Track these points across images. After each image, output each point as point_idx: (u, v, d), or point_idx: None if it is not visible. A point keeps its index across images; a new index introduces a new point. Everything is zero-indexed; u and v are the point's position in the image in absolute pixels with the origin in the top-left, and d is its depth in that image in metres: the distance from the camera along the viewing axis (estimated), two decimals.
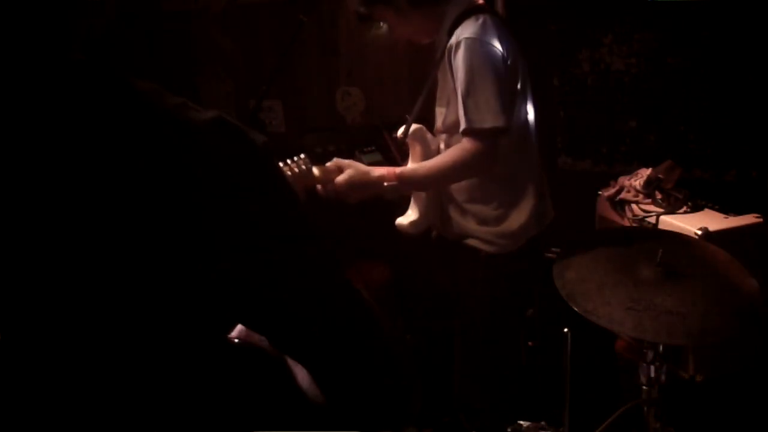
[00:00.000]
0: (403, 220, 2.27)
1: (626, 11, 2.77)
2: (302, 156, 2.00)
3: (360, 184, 2.02)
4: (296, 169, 1.98)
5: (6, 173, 0.70)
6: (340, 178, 2.02)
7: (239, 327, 0.90)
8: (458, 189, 2.22)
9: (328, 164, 2.05)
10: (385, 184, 2.04)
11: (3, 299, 0.73)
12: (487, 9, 2.08)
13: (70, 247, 0.70)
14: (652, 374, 1.78)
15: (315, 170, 2.00)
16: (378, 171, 2.06)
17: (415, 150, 2.24)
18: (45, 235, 0.70)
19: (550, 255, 2.25)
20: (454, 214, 2.25)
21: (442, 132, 2.22)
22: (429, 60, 2.30)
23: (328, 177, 2.02)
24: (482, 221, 2.21)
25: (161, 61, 3.16)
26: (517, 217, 2.19)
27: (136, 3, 3.03)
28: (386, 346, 0.83)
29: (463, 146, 2.02)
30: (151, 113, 0.73)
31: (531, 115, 2.21)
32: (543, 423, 2.15)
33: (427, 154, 2.21)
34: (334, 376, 0.80)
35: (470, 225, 2.23)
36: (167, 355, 0.76)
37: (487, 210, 2.19)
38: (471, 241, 2.24)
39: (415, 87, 2.26)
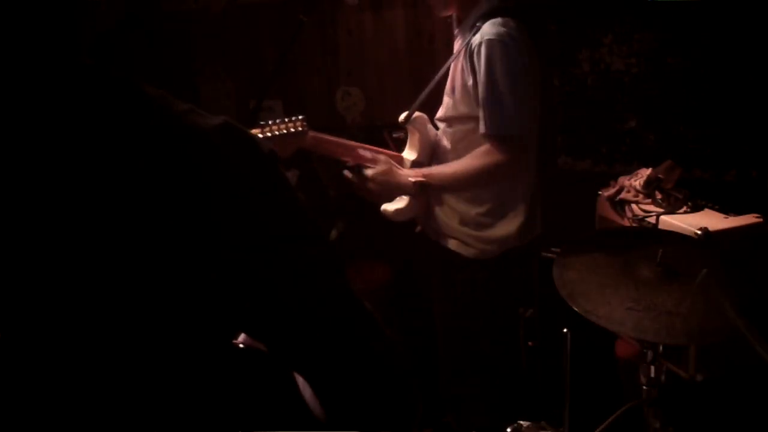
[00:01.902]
0: (389, 207, 2.27)
1: (626, 11, 2.76)
2: (300, 117, 2.02)
3: (393, 185, 2.16)
4: (292, 129, 1.98)
5: (18, 177, 0.70)
6: (375, 174, 2.15)
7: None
8: None
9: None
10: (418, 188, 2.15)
11: (8, 300, 0.73)
12: (518, 13, 2.04)
13: (79, 251, 0.71)
14: (652, 374, 1.78)
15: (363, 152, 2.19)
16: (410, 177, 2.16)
17: (414, 137, 2.24)
18: (54, 239, 0.71)
19: (550, 255, 2.24)
20: (439, 209, 2.24)
21: (443, 121, 2.22)
22: (429, 60, 2.30)
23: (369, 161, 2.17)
24: (464, 222, 2.20)
25: (161, 61, 3.16)
26: (502, 228, 2.18)
27: (136, 3, 3.03)
28: (386, 348, 0.83)
29: (487, 151, 2.03)
30: (161, 119, 0.74)
31: (535, 128, 2.20)
32: (543, 423, 2.15)
33: (425, 143, 2.21)
34: (334, 380, 0.80)
35: (452, 223, 2.22)
36: (171, 358, 0.77)
37: (471, 212, 2.19)
38: (450, 242, 2.24)
39: (415, 87, 2.26)
